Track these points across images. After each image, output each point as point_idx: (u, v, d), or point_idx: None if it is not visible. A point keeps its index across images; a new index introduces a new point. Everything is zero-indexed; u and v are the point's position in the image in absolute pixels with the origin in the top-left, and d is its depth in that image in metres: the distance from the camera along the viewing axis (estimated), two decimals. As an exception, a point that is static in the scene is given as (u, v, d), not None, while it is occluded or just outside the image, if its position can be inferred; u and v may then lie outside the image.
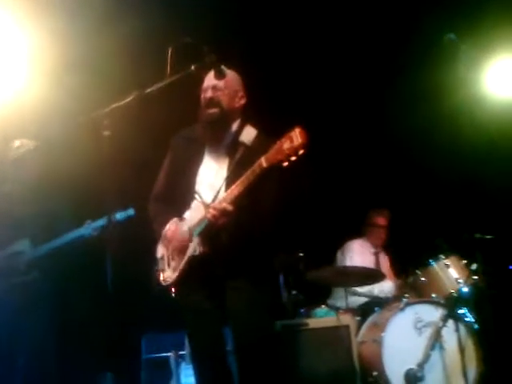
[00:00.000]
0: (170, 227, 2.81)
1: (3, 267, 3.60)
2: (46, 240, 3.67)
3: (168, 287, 2.81)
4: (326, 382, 3.63)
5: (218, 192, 2.69)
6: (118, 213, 3.67)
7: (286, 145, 2.40)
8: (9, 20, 3.90)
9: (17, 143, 3.71)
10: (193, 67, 2.51)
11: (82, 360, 4.60)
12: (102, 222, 3.67)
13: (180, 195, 2.84)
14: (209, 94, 2.77)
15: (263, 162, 2.48)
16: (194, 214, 2.73)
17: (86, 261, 4.28)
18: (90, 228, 3.65)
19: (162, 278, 2.84)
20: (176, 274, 2.76)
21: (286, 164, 2.41)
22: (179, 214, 2.82)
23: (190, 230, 2.71)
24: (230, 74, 2.82)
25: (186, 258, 2.71)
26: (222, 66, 2.62)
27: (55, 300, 3.80)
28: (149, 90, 2.46)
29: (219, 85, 2.76)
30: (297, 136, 2.38)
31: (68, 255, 3.74)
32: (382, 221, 4.83)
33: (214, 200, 2.68)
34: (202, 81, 2.72)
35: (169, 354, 4.68)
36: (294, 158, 2.39)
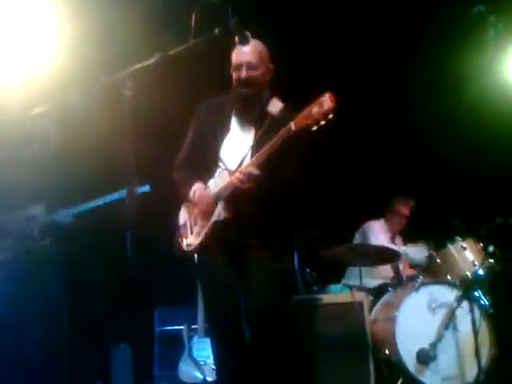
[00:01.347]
0: (196, 192, 2.80)
1: (18, 230, 3.64)
2: (60, 208, 3.70)
3: (190, 253, 2.80)
4: (338, 357, 3.63)
5: (243, 160, 2.71)
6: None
7: (315, 109, 2.42)
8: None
9: (39, 110, 3.73)
10: (216, 31, 2.49)
11: (96, 330, 4.65)
12: (115, 196, 3.70)
13: (205, 162, 2.83)
14: (244, 73, 2.76)
15: (292, 125, 2.49)
16: (219, 181, 2.74)
17: (102, 233, 4.33)
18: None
19: (184, 244, 2.83)
20: (199, 239, 2.76)
21: (315, 128, 2.41)
22: (204, 180, 2.82)
23: (215, 196, 2.72)
24: (260, 47, 2.82)
25: (210, 222, 2.71)
26: (247, 32, 2.61)
27: (69, 268, 3.83)
28: (172, 52, 2.44)
29: (253, 63, 2.76)
30: (327, 101, 2.40)
31: (84, 224, 3.78)
32: (405, 210, 4.85)
33: (238, 167, 2.69)
34: (226, 45, 2.70)
35: (181, 327, 4.75)
36: (323, 123, 2.41)
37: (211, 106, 2.96)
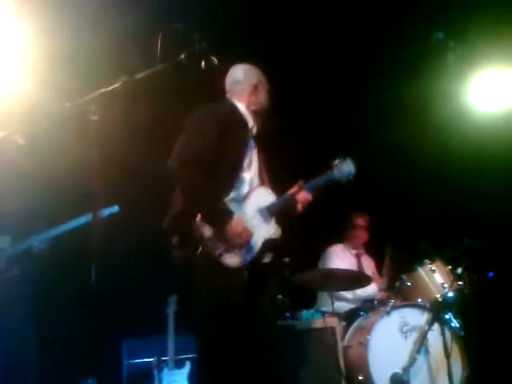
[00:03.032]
0: (238, 228, 2.71)
1: None
2: (27, 237, 3.60)
3: (238, 269, 2.73)
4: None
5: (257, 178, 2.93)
6: (103, 209, 3.63)
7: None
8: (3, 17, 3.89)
9: (3, 134, 3.66)
10: (182, 55, 2.50)
11: (63, 363, 4.50)
12: (79, 221, 3.62)
13: (227, 169, 2.84)
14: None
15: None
16: (258, 197, 2.86)
17: (68, 260, 4.23)
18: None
19: (227, 259, 2.72)
20: (248, 256, 2.74)
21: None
22: (224, 189, 2.80)
23: (262, 212, 2.82)
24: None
25: (261, 239, 2.77)
26: (213, 57, 2.62)
27: (36, 299, 3.72)
28: (138, 76, 2.44)
29: None
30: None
31: (50, 253, 3.68)
32: (361, 221, 4.91)
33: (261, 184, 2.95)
34: (192, 69, 2.71)
35: (151, 359, 4.63)
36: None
37: (234, 114, 3.02)
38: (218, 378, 2.65)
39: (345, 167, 3.07)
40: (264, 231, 2.78)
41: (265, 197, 2.88)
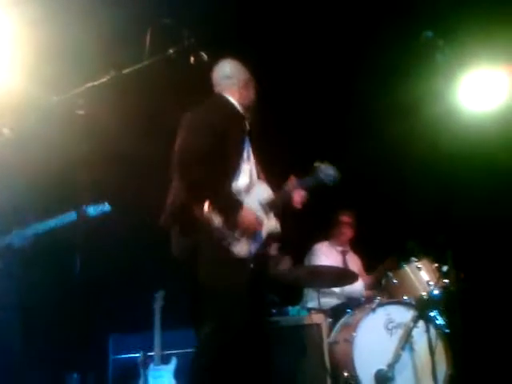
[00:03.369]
0: (249, 218, 2.79)
1: None
2: (10, 232, 3.57)
3: (245, 260, 2.79)
4: (296, 381, 3.60)
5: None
6: (92, 207, 3.59)
7: None
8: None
9: None
10: (171, 51, 2.49)
11: (48, 358, 4.48)
12: (66, 218, 3.58)
13: (230, 162, 2.88)
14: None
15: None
16: (260, 191, 2.92)
17: (53, 254, 4.20)
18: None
19: (237, 250, 2.77)
20: (252, 247, 2.79)
21: None
22: (227, 181, 2.86)
23: (263, 205, 2.88)
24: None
25: (265, 233, 2.83)
26: (202, 53, 2.62)
27: (20, 293, 3.69)
28: (126, 71, 2.43)
29: None
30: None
31: (33, 248, 3.65)
32: (346, 218, 4.93)
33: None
34: (181, 64, 2.70)
35: (137, 354, 4.62)
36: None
37: (233, 109, 3.05)
38: (222, 363, 2.68)
39: (328, 170, 3.14)
40: (268, 224, 2.83)
41: (263, 191, 2.93)
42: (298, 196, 3.03)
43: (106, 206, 3.66)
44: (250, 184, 2.91)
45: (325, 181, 3.10)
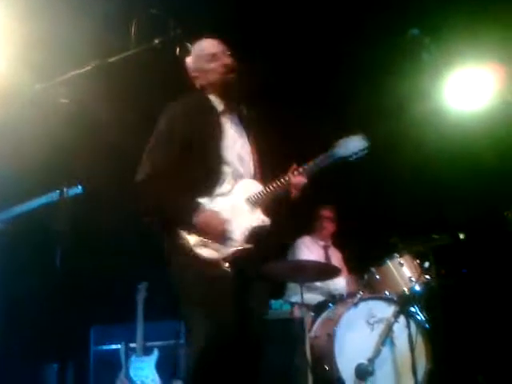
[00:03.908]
0: (208, 220, 2.57)
1: None
2: None
3: (222, 261, 2.56)
4: (277, 375, 3.61)
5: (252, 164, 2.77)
6: (69, 189, 3.59)
7: None
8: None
9: None
10: (156, 41, 2.47)
11: (27, 348, 4.46)
12: (45, 199, 3.59)
13: (205, 168, 2.64)
14: (229, 59, 2.72)
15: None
16: (246, 187, 2.68)
17: (34, 245, 4.17)
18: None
19: (205, 255, 2.57)
20: (229, 248, 2.57)
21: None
22: (207, 189, 2.63)
23: (245, 201, 2.65)
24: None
25: (247, 228, 2.60)
26: (188, 44, 2.60)
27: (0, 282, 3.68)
28: (110, 60, 2.40)
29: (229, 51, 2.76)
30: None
31: (17, 229, 3.64)
32: (327, 213, 4.94)
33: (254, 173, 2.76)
34: (166, 55, 2.67)
35: (118, 346, 4.61)
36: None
37: (193, 106, 2.74)
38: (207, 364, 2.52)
39: (351, 143, 2.78)
40: (250, 220, 2.68)
41: (252, 186, 2.72)
42: (296, 181, 2.74)
43: (79, 188, 3.69)
44: (235, 183, 2.69)
45: (346, 156, 2.77)
